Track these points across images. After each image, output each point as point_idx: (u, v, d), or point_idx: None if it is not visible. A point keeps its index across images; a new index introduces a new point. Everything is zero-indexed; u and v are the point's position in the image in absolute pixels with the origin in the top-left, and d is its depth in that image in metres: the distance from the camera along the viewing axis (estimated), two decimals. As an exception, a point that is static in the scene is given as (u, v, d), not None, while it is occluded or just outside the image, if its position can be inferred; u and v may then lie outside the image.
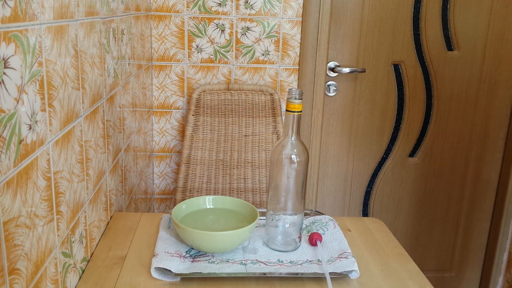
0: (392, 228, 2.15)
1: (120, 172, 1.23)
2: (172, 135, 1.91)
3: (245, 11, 1.81)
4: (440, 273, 2.23)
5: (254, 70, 1.87)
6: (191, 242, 0.93)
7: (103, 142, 1.04)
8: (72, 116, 0.82)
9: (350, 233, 1.10)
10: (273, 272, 0.89)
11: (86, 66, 0.90)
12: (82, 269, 0.90)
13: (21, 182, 0.61)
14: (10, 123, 0.57)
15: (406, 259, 0.99)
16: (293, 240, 0.99)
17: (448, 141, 2.07)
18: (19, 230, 0.61)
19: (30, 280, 0.64)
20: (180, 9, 1.79)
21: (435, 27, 1.93)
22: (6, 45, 0.56)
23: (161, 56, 1.83)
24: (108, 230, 1.06)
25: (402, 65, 1.97)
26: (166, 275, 0.87)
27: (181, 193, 1.75)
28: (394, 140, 2.06)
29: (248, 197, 1.77)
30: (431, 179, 2.11)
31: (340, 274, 0.89)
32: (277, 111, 1.80)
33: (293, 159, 0.95)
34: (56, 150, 0.74)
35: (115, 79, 1.16)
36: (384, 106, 2.01)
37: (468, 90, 2.02)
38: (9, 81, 0.57)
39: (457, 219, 2.17)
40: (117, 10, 1.18)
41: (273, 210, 0.99)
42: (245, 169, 1.78)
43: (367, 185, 2.10)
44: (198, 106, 1.78)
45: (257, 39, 1.84)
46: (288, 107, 0.93)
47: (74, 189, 0.84)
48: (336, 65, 1.93)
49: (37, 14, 0.66)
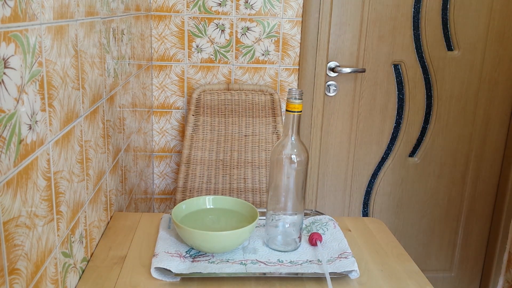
0: (392, 228, 2.15)
1: (120, 172, 1.23)
2: (172, 135, 1.91)
3: (245, 11, 1.81)
4: (440, 273, 2.23)
5: (254, 70, 1.87)
6: (191, 242, 0.93)
7: (103, 142, 1.04)
8: (72, 116, 0.82)
9: (350, 233, 1.10)
10: (273, 272, 0.89)
11: (86, 66, 0.90)
12: (82, 269, 0.90)
13: (21, 182, 0.61)
14: (10, 123, 0.57)
15: (406, 259, 0.99)
16: (293, 240, 0.99)
17: (448, 141, 2.07)
18: (19, 230, 0.61)
19: (30, 280, 0.64)
20: (180, 9, 1.79)
21: (435, 27, 1.93)
22: (6, 45, 0.56)
23: (161, 56, 1.83)
24: (108, 230, 1.06)
25: (402, 65, 1.97)
26: (166, 275, 0.87)
27: (181, 193, 1.75)
28: (394, 140, 2.06)
29: (248, 197, 1.77)
30: (431, 179, 2.11)
31: (340, 274, 0.89)
32: (277, 111, 1.80)
33: (293, 159, 0.95)
34: (56, 150, 0.74)
35: (115, 79, 1.16)
36: (384, 106, 2.01)
37: (468, 90, 2.02)
38: (9, 81, 0.57)
39: (457, 219, 2.17)
40: (117, 10, 1.18)
41: (273, 210, 0.99)
42: (245, 169, 1.78)
43: (367, 185, 2.10)
44: (198, 106, 1.78)
45: (257, 39, 1.84)
46: (288, 107, 0.93)
47: (74, 189, 0.84)
48: (336, 65, 1.93)
49: (37, 14, 0.66)
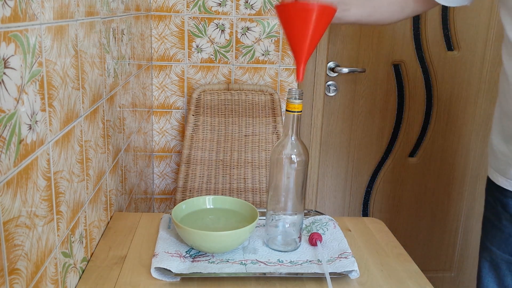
0: (392, 228, 2.14)
1: (120, 172, 1.23)
2: (172, 135, 1.91)
3: (245, 11, 1.81)
4: (440, 273, 2.23)
5: (254, 70, 1.87)
6: (191, 242, 0.93)
7: (103, 142, 1.04)
8: (72, 116, 0.82)
9: (350, 233, 1.10)
10: (273, 272, 0.89)
11: (86, 66, 0.90)
12: (82, 269, 0.90)
13: (21, 182, 0.61)
14: (10, 123, 0.57)
15: (406, 259, 0.99)
16: (293, 240, 0.99)
17: (448, 141, 2.07)
18: (19, 230, 0.61)
19: (30, 280, 0.64)
20: (180, 9, 1.79)
21: (435, 27, 1.93)
22: (6, 45, 0.56)
23: (161, 56, 1.83)
24: (108, 230, 1.06)
25: (402, 65, 1.97)
26: (166, 275, 0.87)
27: (181, 193, 1.75)
28: (394, 140, 2.06)
29: (248, 197, 1.77)
30: (431, 179, 2.11)
31: (340, 274, 0.89)
32: (277, 111, 1.80)
33: (293, 159, 0.95)
34: (56, 150, 0.74)
35: (115, 79, 1.16)
36: (384, 106, 2.01)
37: (468, 90, 2.02)
38: (9, 81, 0.57)
39: (457, 219, 2.17)
40: (117, 10, 1.18)
41: (273, 210, 0.99)
42: (245, 169, 1.78)
43: (367, 185, 2.10)
44: (198, 106, 1.78)
45: (257, 39, 1.84)
46: (288, 107, 0.93)
47: (74, 189, 0.84)
48: (336, 65, 1.93)
49: (37, 14, 0.66)
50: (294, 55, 0.93)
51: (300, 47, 0.92)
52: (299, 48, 0.92)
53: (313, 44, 0.92)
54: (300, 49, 0.92)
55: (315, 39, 0.92)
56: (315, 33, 0.91)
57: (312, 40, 0.91)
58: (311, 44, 0.92)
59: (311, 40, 0.91)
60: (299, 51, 0.92)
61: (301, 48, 0.92)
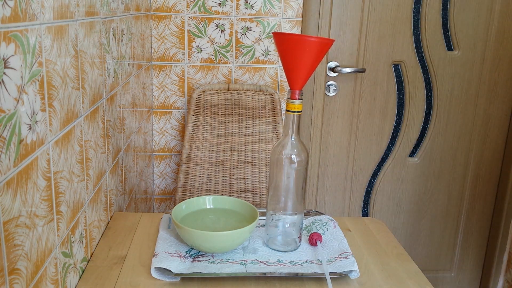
0: (392, 228, 2.15)
1: (120, 172, 1.23)
2: (172, 135, 1.91)
3: (245, 11, 1.81)
4: (440, 273, 2.23)
5: (254, 70, 1.87)
6: (191, 242, 0.93)
7: (103, 142, 1.04)
8: (72, 116, 0.82)
9: (350, 233, 1.10)
10: (273, 272, 0.89)
11: (86, 66, 0.90)
12: (82, 269, 0.90)
13: (21, 182, 0.61)
14: (10, 123, 0.57)
15: (406, 259, 0.99)
16: (293, 240, 0.99)
17: (448, 141, 2.07)
18: (19, 230, 0.61)
19: (30, 280, 0.64)
20: (180, 9, 1.79)
21: (435, 27, 1.93)
22: (6, 45, 0.56)
23: (161, 56, 1.83)
24: (108, 230, 1.06)
25: (402, 65, 1.97)
26: (166, 275, 0.87)
27: (181, 193, 1.75)
28: (394, 140, 2.06)
29: (248, 197, 1.77)
30: (431, 179, 2.11)
31: (340, 274, 0.89)
32: (277, 111, 1.80)
33: (293, 159, 0.95)
34: (56, 150, 0.74)
35: (115, 79, 1.16)
36: (384, 106, 2.01)
37: (468, 90, 2.02)
38: (9, 81, 0.57)
39: (457, 219, 2.17)
40: (117, 10, 1.18)
41: (273, 210, 0.99)
42: (245, 169, 1.78)
43: (367, 185, 2.10)
44: (198, 106, 1.78)
45: (257, 39, 1.84)
46: (288, 107, 0.93)
47: (74, 189, 0.84)
48: (336, 65, 1.93)
49: (37, 14, 0.66)
50: (289, 82, 0.94)
51: (296, 74, 0.92)
52: (295, 75, 0.92)
53: (309, 73, 0.93)
54: (296, 76, 0.92)
55: (312, 69, 0.92)
56: (313, 63, 0.91)
57: (310, 70, 0.92)
58: (308, 73, 0.92)
59: (309, 70, 0.92)
60: (295, 78, 0.93)
61: (297, 75, 0.92)
